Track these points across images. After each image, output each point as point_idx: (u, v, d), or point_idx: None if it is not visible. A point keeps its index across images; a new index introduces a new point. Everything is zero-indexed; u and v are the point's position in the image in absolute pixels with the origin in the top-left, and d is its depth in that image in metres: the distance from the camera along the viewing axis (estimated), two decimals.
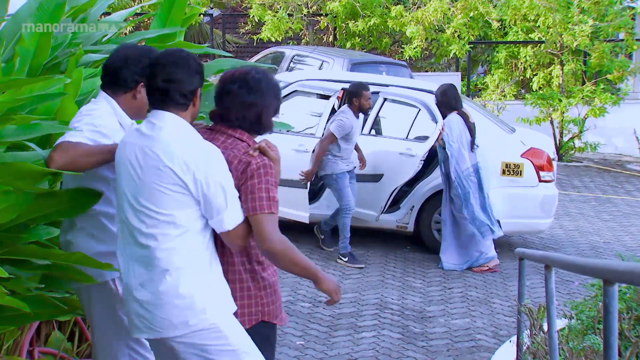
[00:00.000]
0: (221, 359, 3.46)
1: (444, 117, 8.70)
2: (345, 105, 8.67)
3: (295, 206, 8.94)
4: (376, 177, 9.07)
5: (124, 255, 3.54)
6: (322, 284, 3.68)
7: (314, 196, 9.29)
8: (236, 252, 3.59)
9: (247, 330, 3.60)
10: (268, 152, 3.55)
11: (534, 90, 16.61)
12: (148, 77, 3.50)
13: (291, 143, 9.18)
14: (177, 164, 3.35)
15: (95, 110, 3.91)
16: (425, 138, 9.07)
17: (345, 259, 8.67)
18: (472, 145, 8.71)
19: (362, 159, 8.96)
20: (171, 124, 3.46)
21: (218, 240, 3.57)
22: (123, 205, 3.51)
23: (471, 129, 8.73)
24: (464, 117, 8.74)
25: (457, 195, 8.61)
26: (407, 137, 9.59)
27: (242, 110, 3.62)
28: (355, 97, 8.57)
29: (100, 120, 3.85)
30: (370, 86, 9.20)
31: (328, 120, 9.16)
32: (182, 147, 3.38)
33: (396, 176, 8.91)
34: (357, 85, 8.65)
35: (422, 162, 8.99)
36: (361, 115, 8.79)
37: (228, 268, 3.60)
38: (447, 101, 8.76)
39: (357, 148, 8.88)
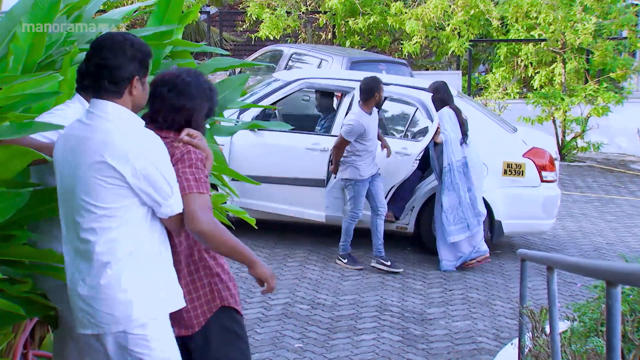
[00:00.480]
0: None
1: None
2: (358, 104, 8.47)
3: (310, 206, 8.91)
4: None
5: (68, 251, 3.52)
6: (255, 269, 3.71)
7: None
8: (185, 242, 3.66)
9: (210, 321, 3.71)
10: (192, 141, 3.60)
11: (536, 88, 16.53)
12: (84, 61, 3.48)
13: (305, 142, 9.14)
14: (116, 156, 3.33)
15: (61, 110, 3.92)
16: (422, 136, 9.00)
17: (345, 260, 8.59)
18: (463, 140, 8.65)
19: (385, 147, 8.75)
20: (112, 114, 3.42)
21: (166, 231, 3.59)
22: (65, 200, 3.49)
23: (462, 124, 8.68)
24: (456, 112, 8.72)
25: (443, 183, 8.57)
26: (403, 136, 9.53)
27: (171, 113, 3.65)
28: (376, 92, 8.41)
29: (60, 120, 3.83)
30: None
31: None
32: (121, 139, 3.36)
33: (392, 176, 8.83)
34: (375, 80, 8.45)
35: (417, 161, 8.89)
36: (375, 109, 8.60)
37: (177, 258, 3.66)
38: (440, 97, 8.77)
39: (379, 137, 8.74)
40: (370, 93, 8.35)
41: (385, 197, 8.78)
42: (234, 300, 3.84)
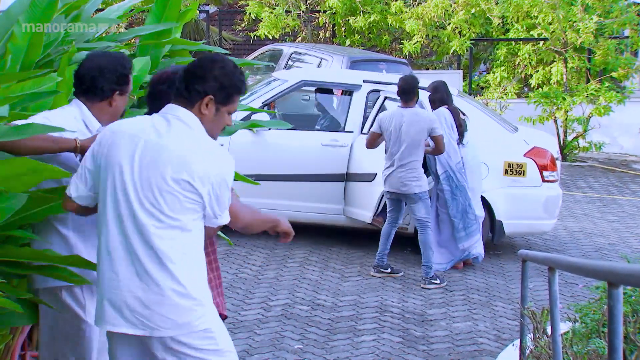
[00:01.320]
0: (210, 358, 3.50)
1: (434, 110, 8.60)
2: (399, 105, 8.28)
3: (331, 201, 9.05)
4: (370, 177, 8.94)
5: (116, 250, 3.44)
6: (280, 226, 4.00)
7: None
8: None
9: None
10: None
11: (533, 87, 16.50)
12: (183, 79, 3.49)
13: (322, 138, 9.24)
14: (197, 177, 3.39)
15: (54, 111, 3.97)
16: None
17: (388, 270, 8.46)
18: (460, 141, 8.59)
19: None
20: (186, 124, 3.46)
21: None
22: (119, 200, 3.43)
23: (460, 125, 8.61)
24: (454, 112, 8.61)
25: (443, 190, 8.50)
26: None
27: None
28: (418, 90, 8.33)
29: (54, 117, 3.89)
30: (371, 85, 9.20)
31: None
32: (203, 158, 3.42)
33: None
34: (416, 79, 8.37)
35: None
36: None
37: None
38: (440, 96, 8.65)
39: None
40: (413, 92, 8.19)
41: (380, 200, 8.73)
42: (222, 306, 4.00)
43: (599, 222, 11.37)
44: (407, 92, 8.15)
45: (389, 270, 8.35)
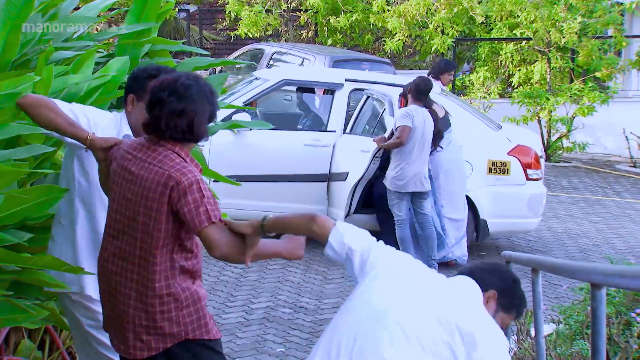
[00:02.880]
0: None
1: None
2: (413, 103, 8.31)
3: (314, 202, 8.94)
4: (343, 176, 8.88)
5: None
6: (285, 257, 3.61)
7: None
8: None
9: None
10: None
11: (514, 87, 16.49)
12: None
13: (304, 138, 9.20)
14: None
15: (97, 110, 4.05)
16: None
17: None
18: (433, 147, 8.49)
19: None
20: None
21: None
22: None
23: (438, 128, 8.46)
24: (434, 115, 8.46)
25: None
26: (372, 134, 9.34)
27: (172, 118, 3.48)
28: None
29: (92, 113, 3.95)
30: (353, 83, 9.18)
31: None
32: None
33: (357, 174, 8.70)
34: (430, 80, 8.48)
35: (378, 159, 8.71)
36: None
37: None
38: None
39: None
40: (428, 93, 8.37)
41: (351, 198, 8.67)
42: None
43: (582, 223, 11.36)
44: (426, 92, 8.29)
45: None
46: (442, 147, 8.56)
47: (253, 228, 3.33)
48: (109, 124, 3.93)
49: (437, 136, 8.46)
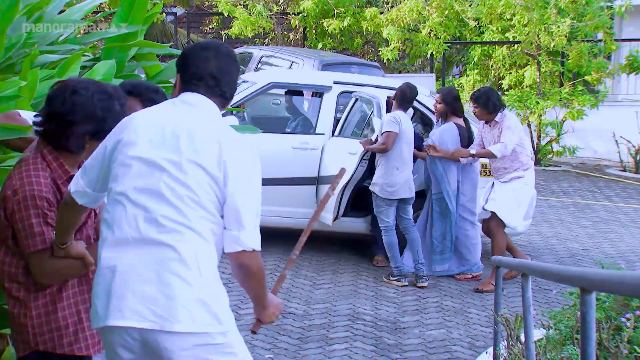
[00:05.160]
0: None
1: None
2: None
3: (303, 205, 8.90)
4: (332, 179, 8.79)
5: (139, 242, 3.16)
6: None
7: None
8: None
9: None
10: None
11: (504, 90, 16.49)
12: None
13: (293, 141, 9.15)
14: None
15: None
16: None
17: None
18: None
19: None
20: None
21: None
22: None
23: (471, 138, 8.57)
24: (467, 124, 8.66)
25: (433, 210, 8.56)
26: (361, 136, 9.29)
27: (57, 125, 3.43)
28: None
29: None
30: (342, 86, 9.15)
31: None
32: None
33: (345, 177, 8.62)
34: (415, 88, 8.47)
35: (366, 161, 8.66)
36: None
37: None
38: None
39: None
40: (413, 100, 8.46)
41: (340, 201, 8.62)
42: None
43: (572, 228, 11.34)
44: (411, 100, 8.35)
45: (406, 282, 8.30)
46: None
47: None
48: None
49: (467, 147, 8.53)
